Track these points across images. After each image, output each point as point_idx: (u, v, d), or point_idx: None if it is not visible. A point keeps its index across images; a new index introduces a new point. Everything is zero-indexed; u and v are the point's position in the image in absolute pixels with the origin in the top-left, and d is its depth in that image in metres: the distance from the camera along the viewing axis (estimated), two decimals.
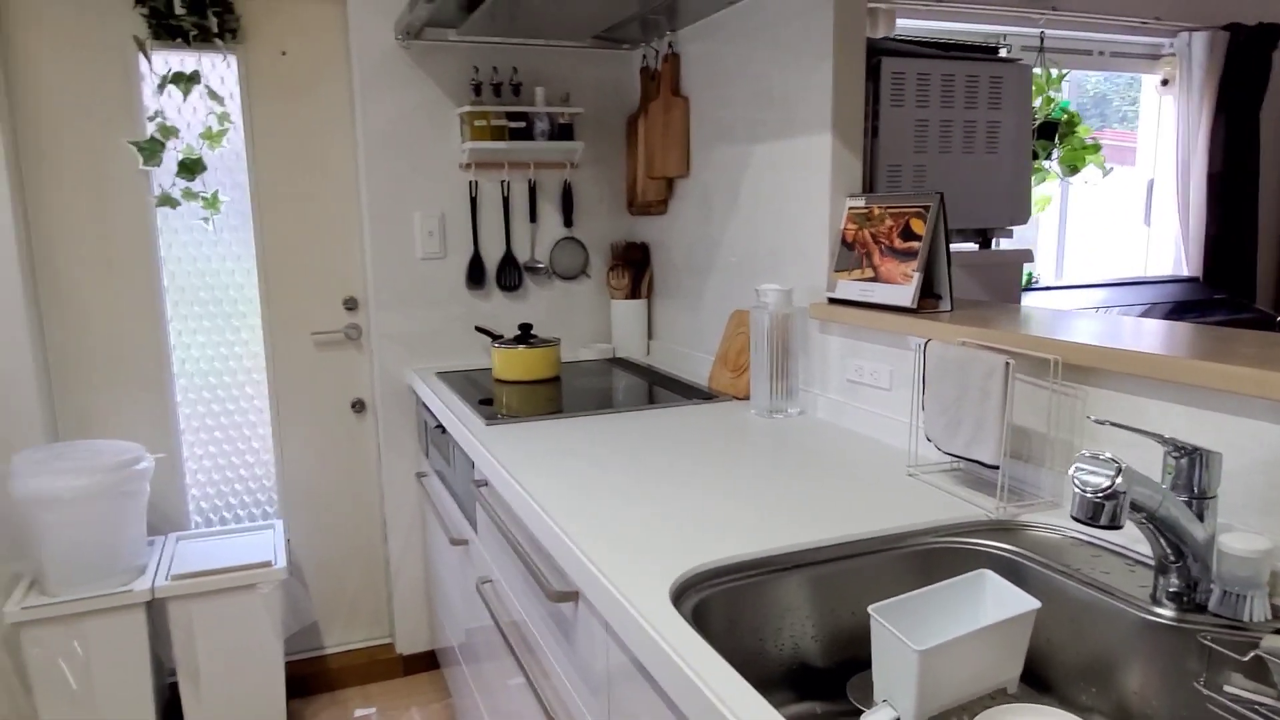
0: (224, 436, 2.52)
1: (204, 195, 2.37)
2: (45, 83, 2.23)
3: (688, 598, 1.04)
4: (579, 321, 2.71)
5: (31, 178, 2.25)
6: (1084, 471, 0.80)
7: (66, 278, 2.31)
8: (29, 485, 1.95)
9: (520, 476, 1.46)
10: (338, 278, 2.55)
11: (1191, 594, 0.97)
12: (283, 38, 2.43)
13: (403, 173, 2.46)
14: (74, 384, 2.34)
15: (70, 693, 2.02)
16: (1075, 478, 0.81)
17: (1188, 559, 0.95)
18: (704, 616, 1.05)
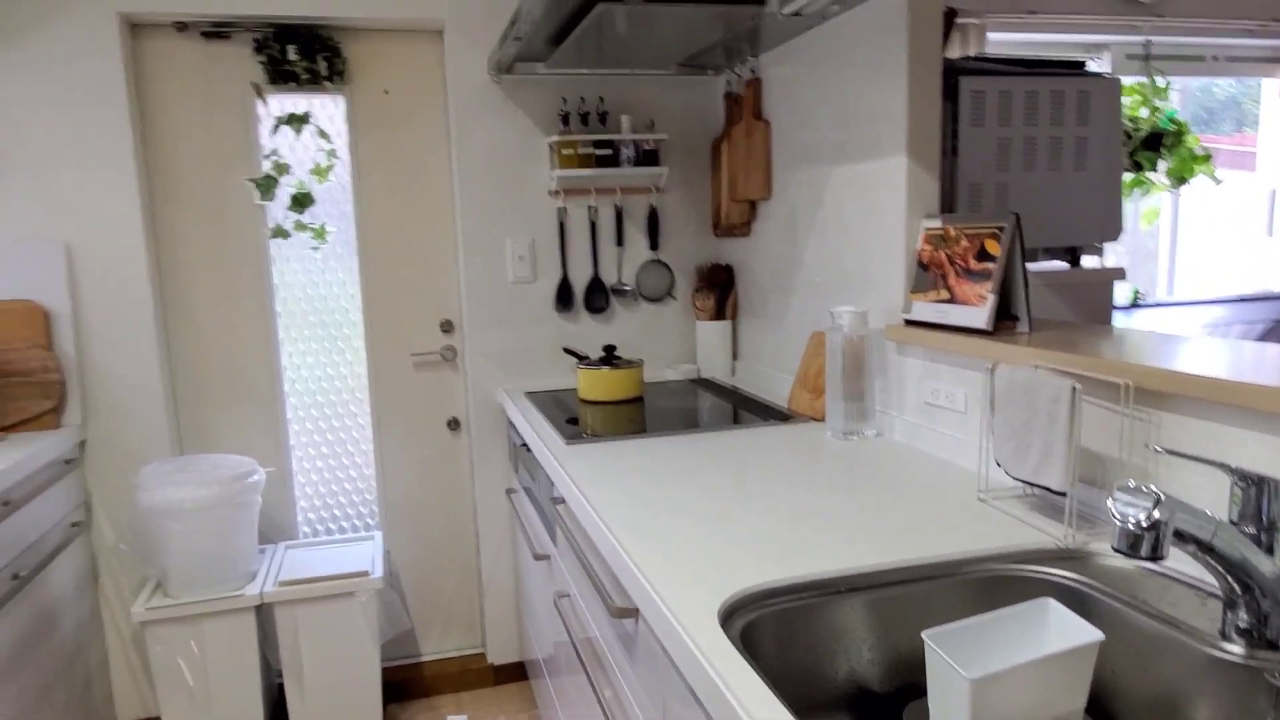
0: (329, 451, 2.67)
1: (313, 226, 2.54)
2: (176, 128, 2.44)
3: (738, 618, 1.06)
4: (664, 343, 2.76)
5: (162, 214, 2.46)
6: (1121, 503, 0.79)
7: (191, 304, 2.51)
8: (155, 496, 2.13)
9: (590, 493, 1.52)
10: (435, 301, 2.68)
11: (1262, 630, 0.94)
12: (385, 77, 2.58)
13: (495, 201, 2.57)
14: (196, 401, 2.54)
15: (187, 689, 2.18)
16: (1113, 509, 0.80)
17: (1255, 593, 0.92)
18: (754, 637, 1.07)
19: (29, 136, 2.27)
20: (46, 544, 2.10)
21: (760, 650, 1.08)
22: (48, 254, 2.29)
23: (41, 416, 2.27)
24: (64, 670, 2.15)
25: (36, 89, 2.26)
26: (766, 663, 1.09)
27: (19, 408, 2.25)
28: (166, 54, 2.42)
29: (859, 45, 1.89)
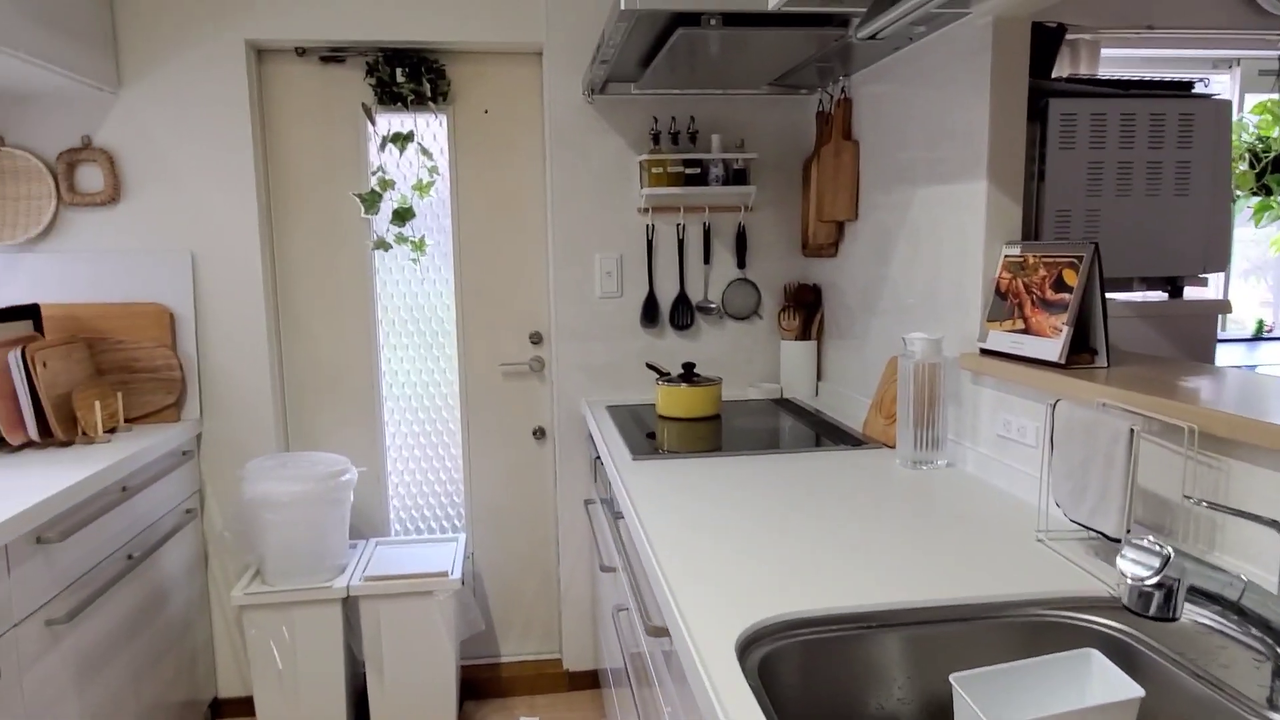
0: (421, 454, 2.80)
1: (413, 239, 2.67)
2: (294, 146, 2.62)
3: (759, 647, 1.07)
4: (748, 361, 2.75)
5: (278, 225, 2.64)
6: (1129, 559, 0.76)
7: (300, 310, 2.67)
8: (257, 488, 2.28)
9: (641, 509, 1.54)
10: (525, 313, 2.77)
11: None
12: (486, 97, 2.68)
13: (585, 217, 2.63)
14: (302, 401, 2.71)
15: (277, 672, 2.33)
16: (1120, 567, 0.76)
17: None
18: (775, 668, 1.07)
19: (163, 154, 2.48)
20: (161, 528, 2.28)
21: (782, 681, 1.08)
22: (175, 261, 2.49)
23: (163, 410, 2.47)
24: (173, 644, 2.33)
25: (171, 111, 2.47)
26: (788, 695, 1.09)
27: (144, 401, 2.45)
28: (287, 77, 2.60)
29: (944, 66, 1.85)
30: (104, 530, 1.97)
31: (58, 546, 1.76)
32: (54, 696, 1.74)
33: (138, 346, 2.46)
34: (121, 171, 2.48)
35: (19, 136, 2.44)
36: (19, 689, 1.62)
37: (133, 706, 2.09)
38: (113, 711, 1.99)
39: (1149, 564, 0.74)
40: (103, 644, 1.95)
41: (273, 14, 2.47)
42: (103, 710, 1.94)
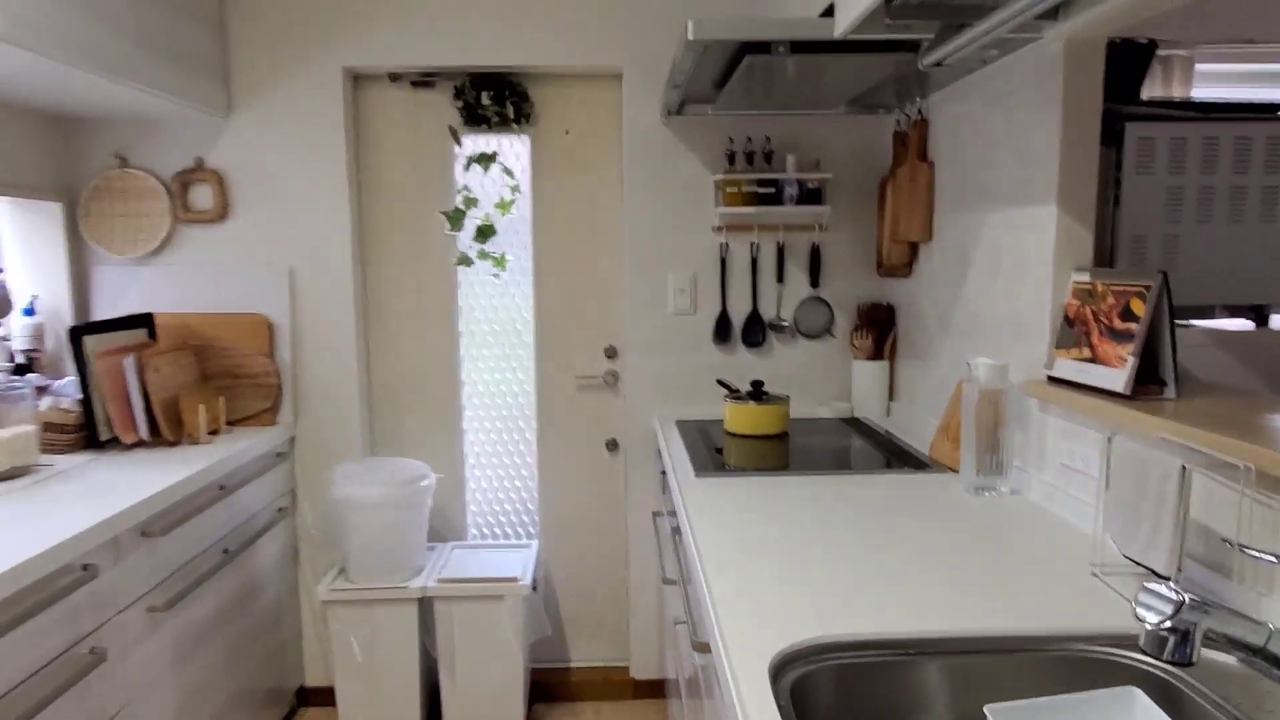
0: (498, 462, 2.90)
1: (494, 255, 2.78)
2: (385, 166, 2.76)
3: (793, 669, 1.10)
4: (820, 379, 2.76)
5: (369, 241, 2.78)
6: (1143, 604, 0.76)
7: (388, 323, 2.81)
8: (343, 490, 2.42)
9: (696, 525, 1.58)
10: (601, 328, 2.84)
11: None
12: (567, 119, 2.77)
13: (660, 235, 2.69)
14: (388, 409, 2.84)
15: (357, 665, 2.45)
16: (1135, 609, 0.77)
17: None
18: (808, 690, 1.10)
19: (267, 174, 2.65)
20: (255, 524, 2.43)
21: (816, 704, 1.11)
22: (276, 275, 2.66)
23: (261, 414, 2.63)
24: (263, 633, 2.49)
25: (275, 134, 2.64)
26: (822, 716, 1.11)
27: (244, 405, 2.62)
28: (380, 101, 2.74)
29: (1016, 88, 1.84)
30: (203, 525, 2.12)
31: (160, 539, 1.91)
32: (154, 677, 1.89)
33: (240, 354, 2.63)
34: (229, 191, 2.66)
35: (140, 159, 2.65)
36: (123, 669, 1.77)
37: (225, 690, 2.24)
38: (206, 693, 2.14)
39: (1161, 609, 0.75)
40: (198, 630, 2.10)
41: (369, 42, 2.61)
42: (197, 692, 2.09)
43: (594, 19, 2.63)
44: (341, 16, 2.61)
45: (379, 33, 2.61)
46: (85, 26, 1.92)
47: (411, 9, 2.61)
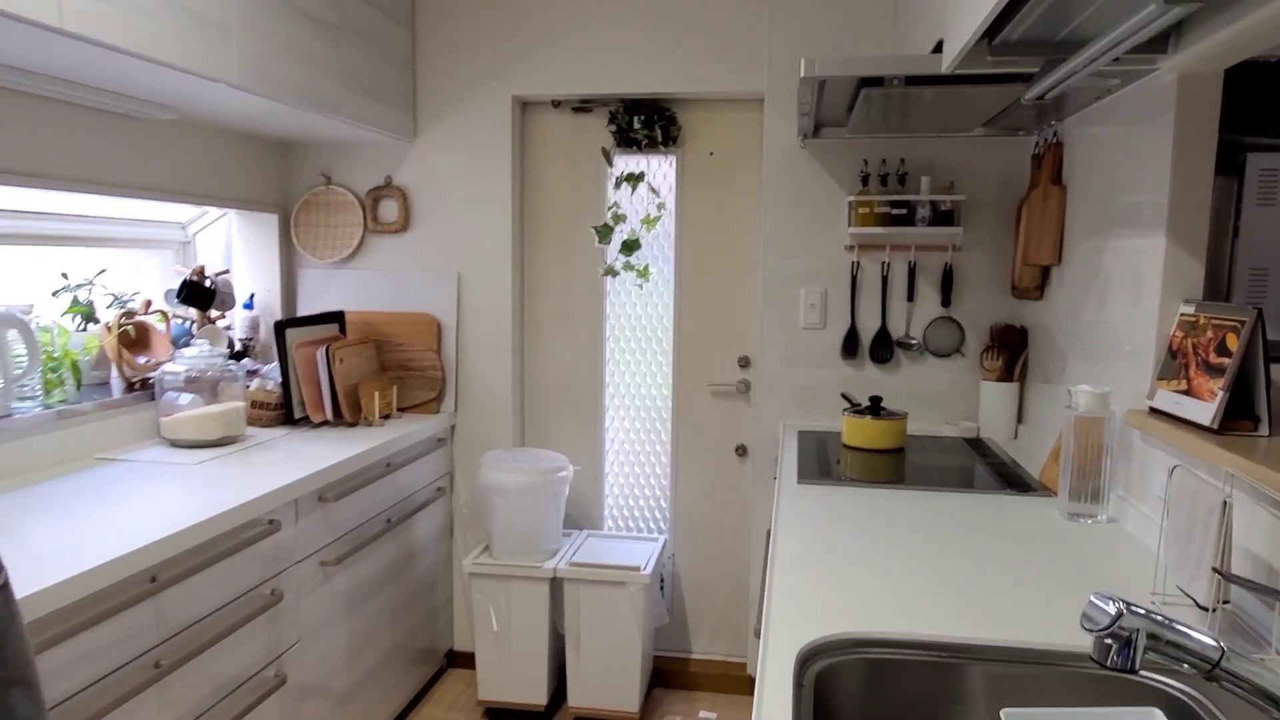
0: (635, 459, 3.11)
1: (638, 268, 2.99)
2: (544, 183, 3.04)
3: (821, 659, 1.22)
4: (948, 398, 2.78)
5: (528, 251, 3.08)
6: (1086, 613, 0.84)
7: (541, 325, 3.09)
8: (489, 476, 2.71)
9: (782, 525, 1.72)
10: (735, 338, 2.99)
11: None
12: (711, 140, 2.95)
13: (793, 252, 2.81)
14: (537, 404, 3.12)
15: (494, 634, 2.73)
16: (1083, 613, 0.85)
17: None
18: (834, 682, 1.22)
19: (443, 190, 3.00)
20: (416, 500, 2.77)
21: (839, 694, 1.23)
22: (445, 279, 3.00)
23: (426, 404, 2.98)
24: (419, 597, 2.82)
25: (451, 155, 2.98)
26: (845, 708, 1.23)
27: (413, 394, 2.98)
28: (543, 125, 3.03)
29: (1135, 117, 1.84)
30: (370, 496, 2.46)
31: (334, 505, 2.26)
32: (323, 621, 2.23)
33: (412, 349, 2.99)
34: (411, 205, 3.03)
35: (342, 177, 3.07)
36: (297, 611, 2.11)
37: (384, 642, 2.57)
38: (369, 643, 2.47)
39: (1102, 617, 0.82)
40: (362, 587, 2.44)
41: (537, 74, 2.90)
42: (361, 640, 2.43)
43: (739, 48, 2.79)
44: (513, 51, 2.91)
45: (545, 65, 2.89)
46: (300, 72, 2.29)
47: (575, 43, 2.87)
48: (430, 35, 2.96)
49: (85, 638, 1.47)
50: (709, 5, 2.80)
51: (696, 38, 2.81)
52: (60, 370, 2.29)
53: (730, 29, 2.80)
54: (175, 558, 1.67)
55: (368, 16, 2.65)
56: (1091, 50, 1.38)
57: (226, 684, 1.84)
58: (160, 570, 1.63)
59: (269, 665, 1.99)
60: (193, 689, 1.74)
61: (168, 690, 1.67)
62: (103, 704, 1.49)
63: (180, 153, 2.58)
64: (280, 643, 2.04)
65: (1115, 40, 1.29)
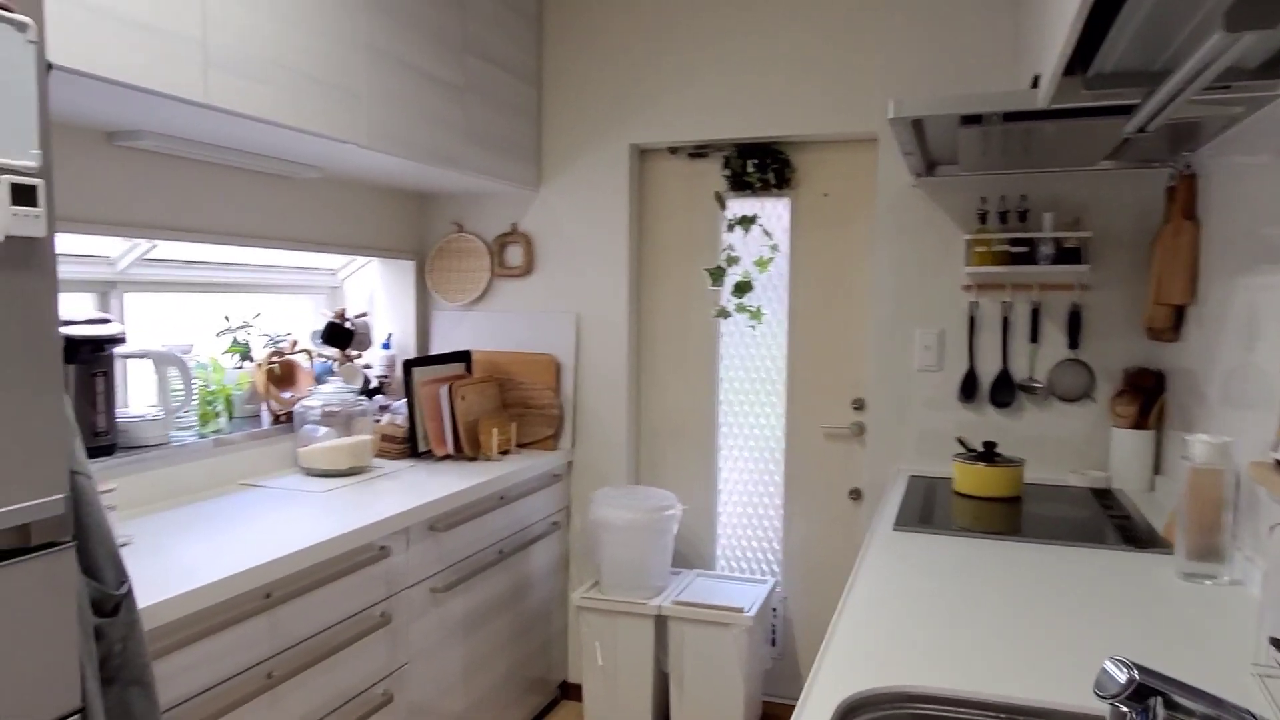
0: (747, 501, 3.10)
1: (751, 309, 3.01)
2: (660, 227, 3.13)
3: (865, 713, 1.19)
4: (1076, 445, 2.62)
5: (644, 293, 3.16)
6: (1099, 682, 0.79)
7: (656, 366, 3.16)
8: (599, 512, 2.78)
9: (861, 575, 1.68)
10: (848, 380, 2.95)
11: None
12: (826, 182, 2.94)
13: (908, 292, 2.75)
14: (652, 443, 3.18)
15: (599, 667, 2.78)
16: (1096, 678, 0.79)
17: None
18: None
19: (564, 236, 3.13)
20: (531, 533, 2.88)
21: None
22: (565, 321, 3.12)
23: (544, 440, 3.10)
24: (533, 627, 2.91)
25: (572, 201, 3.11)
26: None
27: (532, 431, 3.10)
28: (660, 171, 3.12)
29: (1259, 146, 1.71)
30: (483, 527, 2.58)
31: (445, 534, 2.38)
32: (432, 645, 2.35)
33: (532, 387, 3.12)
34: (535, 250, 3.18)
35: (472, 225, 3.27)
36: (406, 634, 2.24)
37: (497, 668, 2.67)
38: (481, 669, 2.58)
39: (1111, 685, 0.77)
40: (474, 614, 2.55)
41: (654, 123, 3.00)
42: (471, 665, 2.53)
43: (852, 89, 2.78)
44: (632, 102, 3.02)
45: (662, 114, 2.99)
46: (425, 131, 2.48)
47: (689, 92, 2.95)
48: (554, 89, 3.12)
49: (204, 645, 1.63)
50: (822, 48, 2.81)
51: (809, 80, 2.83)
52: (216, 403, 2.55)
53: (843, 71, 2.80)
54: (289, 576, 1.82)
55: (493, 77, 2.83)
56: (1171, 84, 1.31)
57: (335, 698, 1.97)
58: (275, 587, 1.79)
59: (377, 684, 2.12)
60: (302, 701, 1.88)
61: (279, 700, 1.81)
62: (217, 709, 1.64)
63: (326, 206, 2.83)
64: (389, 663, 2.17)
65: (1193, 71, 1.22)
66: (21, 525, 1.17)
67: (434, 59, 2.53)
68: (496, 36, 2.85)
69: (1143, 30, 1.36)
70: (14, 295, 1.15)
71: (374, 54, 2.28)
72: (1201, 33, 1.28)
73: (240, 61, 1.87)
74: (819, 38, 2.81)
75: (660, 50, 2.99)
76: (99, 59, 1.58)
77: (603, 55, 3.06)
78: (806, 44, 2.83)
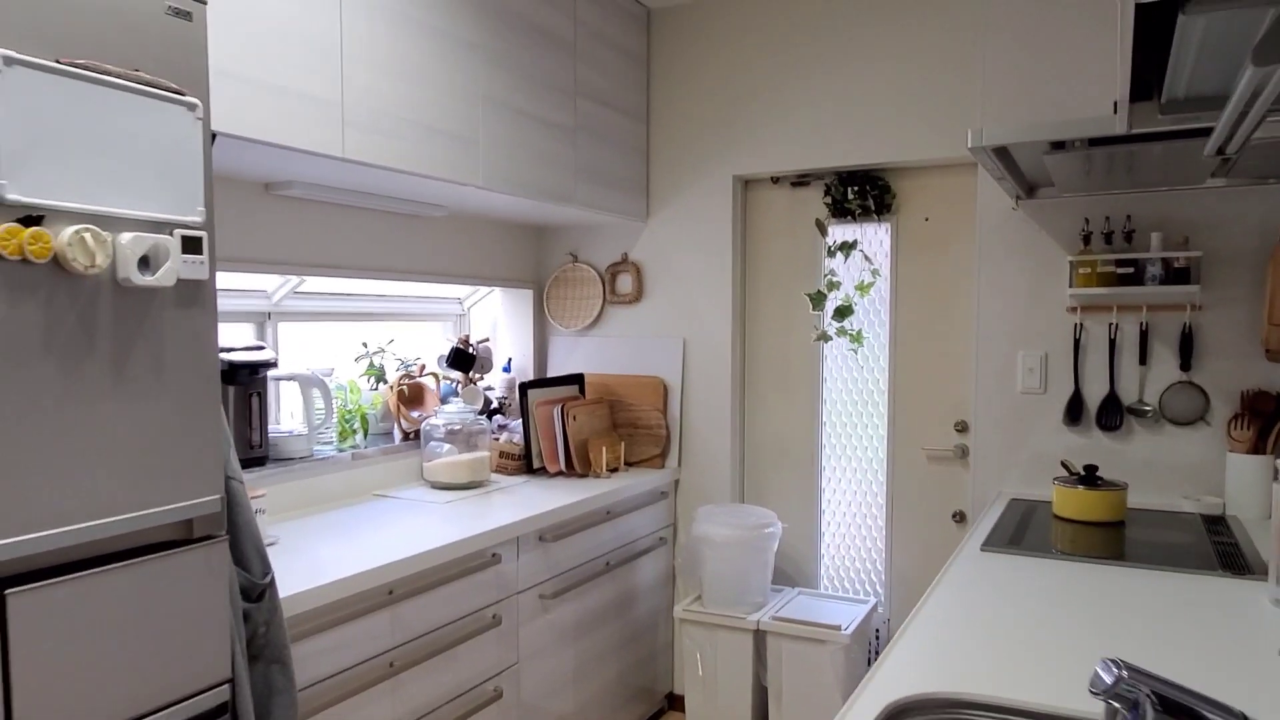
0: (850, 521, 3.14)
1: (851, 333, 3.07)
2: (762, 254, 3.23)
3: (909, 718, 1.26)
4: (1188, 470, 2.54)
5: (748, 318, 3.27)
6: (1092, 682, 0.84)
7: (760, 388, 3.25)
8: (700, 528, 2.89)
9: (936, 590, 1.73)
10: (951, 402, 2.95)
11: None
12: (926, 206, 2.98)
13: (1010, 315, 2.75)
14: (756, 463, 3.27)
15: (700, 679, 2.88)
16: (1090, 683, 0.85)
17: None
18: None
19: (670, 264, 3.29)
20: (637, 547, 3.02)
21: None
22: (672, 346, 3.27)
23: (652, 459, 3.24)
24: (639, 637, 3.05)
25: (677, 231, 3.27)
26: None
27: (641, 450, 3.25)
28: (762, 200, 3.23)
29: None
30: (590, 540, 2.74)
31: (553, 544, 2.56)
32: (540, 647, 2.53)
33: (640, 409, 3.28)
34: (643, 278, 3.35)
35: (586, 255, 3.47)
36: (516, 636, 2.42)
37: (603, 674, 2.82)
38: (586, 673, 2.73)
39: (1100, 684, 0.83)
40: (582, 621, 2.71)
41: (757, 154, 3.12)
42: (578, 669, 2.69)
43: (950, 116, 2.82)
44: (735, 134, 3.16)
45: (764, 145, 3.11)
46: (537, 171, 2.70)
47: (792, 123, 3.06)
48: (660, 125, 3.29)
49: (335, 633, 1.85)
50: (920, 75, 2.86)
51: (908, 107, 2.88)
52: (353, 421, 2.83)
53: (942, 96, 2.84)
54: (410, 577, 2.03)
55: (603, 117, 3.03)
56: (1228, 111, 1.33)
57: (450, 690, 2.17)
58: (397, 585, 2.00)
59: (488, 680, 2.31)
60: (420, 691, 2.08)
61: (399, 688, 2.02)
62: (345, 691, 1.86)
63: (452, 241, 3.09)
64: (500, 662, 2.35)
65: (1242, 99, 1.25)
66: (185, 520, 1.41)
67: (546, 104, 2.74)
68: (606, 80, 3.04)
69: (1202, 58, 1.39)
70: (182, 328, 1.40)
71: (490, 104, 2.51)
72: None
73: (372, 120, 2.12)
74: (917, 65, 2.87)
75: (761, 83, 3.11)
76: (255, 125, 1.85)
77: (706, 90, 3.21)
78: (904, 71, 2.89)
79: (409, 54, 2.23)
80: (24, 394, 1.19)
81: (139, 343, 1.34)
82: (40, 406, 1.21)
